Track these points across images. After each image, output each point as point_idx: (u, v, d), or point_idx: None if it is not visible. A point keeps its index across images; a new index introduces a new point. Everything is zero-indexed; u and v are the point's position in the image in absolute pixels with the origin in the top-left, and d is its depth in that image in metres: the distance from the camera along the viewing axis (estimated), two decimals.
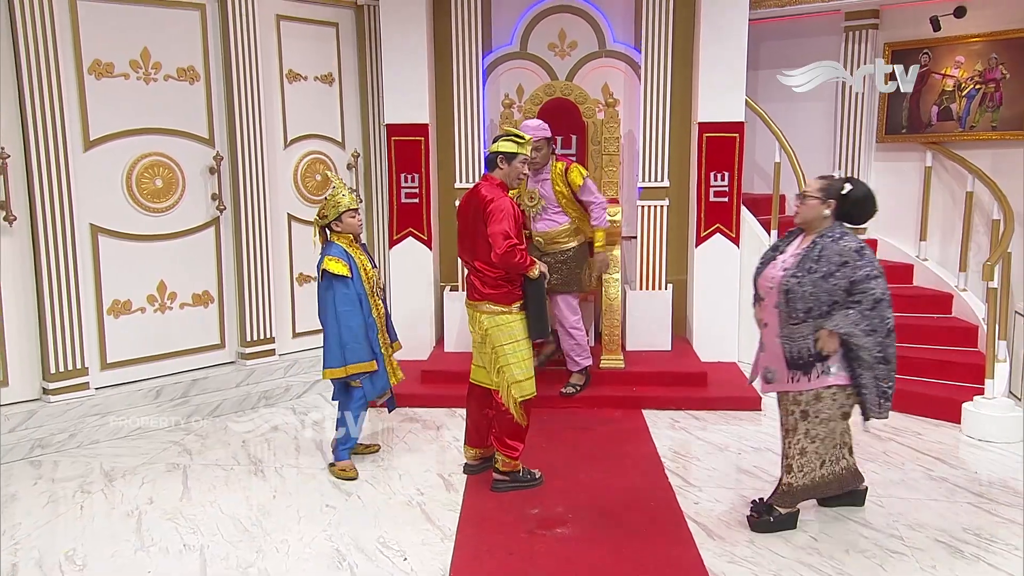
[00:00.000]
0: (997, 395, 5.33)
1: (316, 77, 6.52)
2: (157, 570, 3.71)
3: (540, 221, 5.65)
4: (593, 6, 6.62)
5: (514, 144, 4.44)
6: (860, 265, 3.68)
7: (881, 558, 3.74)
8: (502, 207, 4.27)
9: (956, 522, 4.09)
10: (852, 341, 3.69)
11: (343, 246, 4.65)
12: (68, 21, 5.22)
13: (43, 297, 5.20)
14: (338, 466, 4.74)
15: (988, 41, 6.39)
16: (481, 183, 4.49)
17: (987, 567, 3.66)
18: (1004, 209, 5.95)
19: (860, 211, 3.86)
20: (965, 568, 3.66)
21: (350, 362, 4.60)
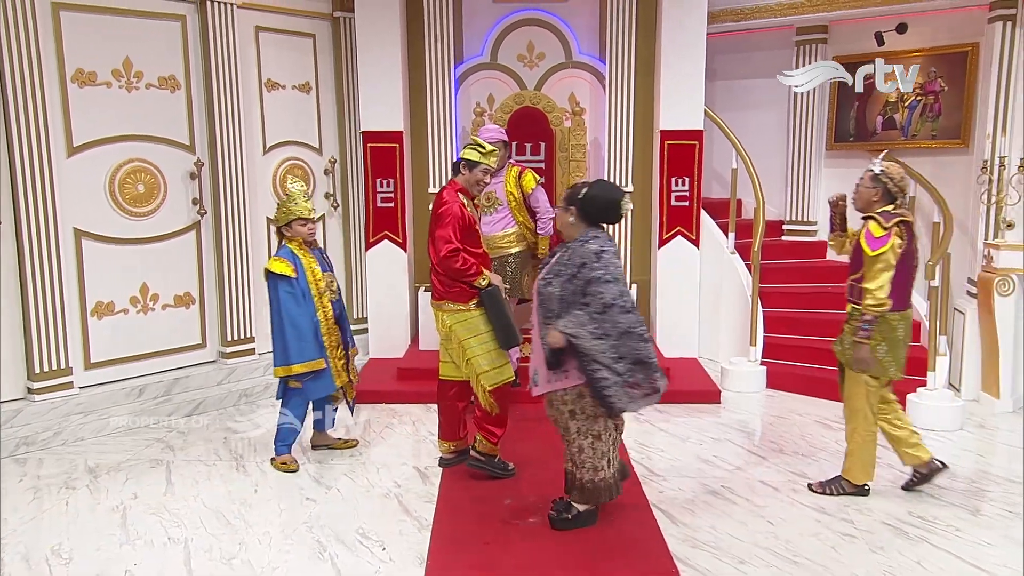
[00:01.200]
0: (938, 387, 5.45)
1: (294, 86, 6.48)
2: (142, 563, 3.67)
3: (486, 224, 5.46)
4: (560, 19, 6.64)
5: (477, 153, 4.46)
6: (596, 267, 3.62)
7: (834, 541, 3.80)
8: (450, 212, 4.30)
9: (902, 506, 4.17)
10: (578, 342, 3.61)
11: (292, 248, 4.62)
12: (51, 31, 5.13)
13: (28, 299, 5.10)
14: (277, 459, 4.76)
15: (927, 56, 6.52)
16: (445, 187, 4.53)
17: (930, 547, 3.75)
18: (944, 213, 6.06)
19: (602, 211, 3.78)
20: (910, 548, 3.74)
21: (294, 361, 4.56)
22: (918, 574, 3.52)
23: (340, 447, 4.97)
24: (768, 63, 7.31)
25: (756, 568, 3.55)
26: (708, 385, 5.96)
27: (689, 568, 3.55)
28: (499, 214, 5.56)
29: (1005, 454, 5.04)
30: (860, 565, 3.58)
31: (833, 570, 3.53)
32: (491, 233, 5.48)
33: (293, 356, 4.56)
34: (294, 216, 4.59)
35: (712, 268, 6.60)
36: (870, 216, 4.13)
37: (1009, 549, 3.73)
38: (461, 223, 4.32)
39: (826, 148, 7.11)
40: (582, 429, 3.81)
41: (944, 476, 4.42)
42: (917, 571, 3.54)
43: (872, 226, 4.07)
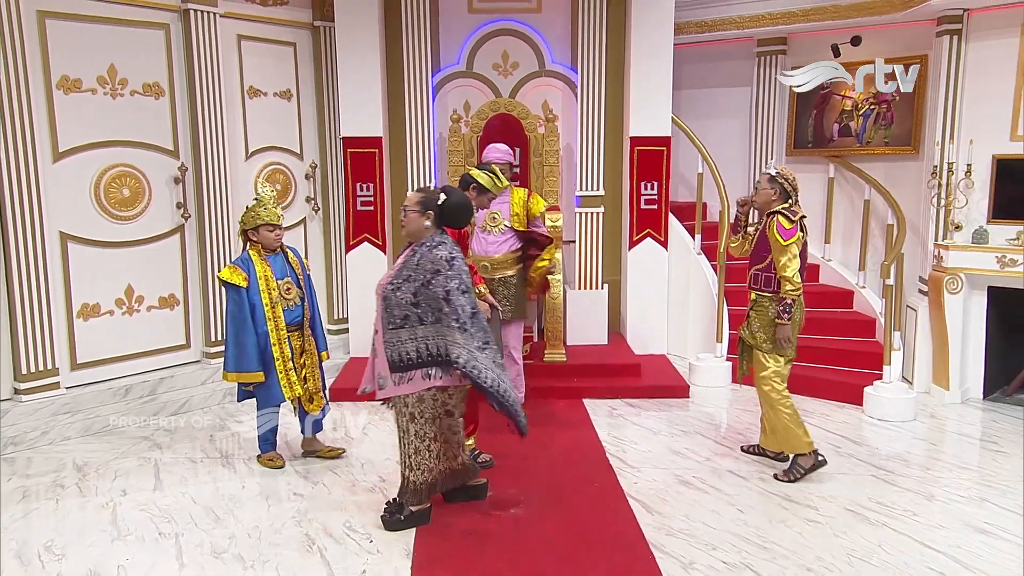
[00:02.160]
0: (893, 380, 5.56)
1: (275, 93, 6.44)
2: (135, 558, 3.63)
3: (491, 245, 5.17)
4: (533, 30, 6.67)
5: (490, 181, 4.48)
6: (450, 276, 3.63)
7: (800, 527, 3.87)
8: None
9: (862, 493, 4.25)
10: (476, 371, 3.66)
11: (251, 255, 4.48)
12: (37, 38, 5.06)
13: (14, 301, 5.03)
14: (263, 457, 4.73)
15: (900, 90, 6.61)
16: None
17: (890, 531, 3.83)
18: (897, 216, 6.20)
19: (458, 216, 3.84)
20: (872, 532, 3.81)
21: (230, 370, 4.51)
22: (879, 556, 3.58)
23: (325, 455, 4.81)
24: (731, 73, 7.43)
25: (728, 553, 3.60)
26: (677, 380, 6.02)
27: (664, 555, 3.59)
28: (503, 235, 5.18)
29: (955, 443, 5.18)
30: (825, 549, 3.64)
31: (800, 554, 3.59)
32: (495, 254, 5.16)
33: (230, 365, 4.49)
34: (262, 221, 4.45)
35: (680, 268, 6.67)
36: (775, 212, 4.39)
37: (962, 532, 3.83)
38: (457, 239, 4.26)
39: (786, 154, 7.19)
40: (419, 432, 3.80)
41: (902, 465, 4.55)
42: (878, 553, 3.61)
43: (781, 219, 4.35)
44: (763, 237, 4.47)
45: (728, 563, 3.52)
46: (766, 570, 3.46)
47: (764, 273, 4.45)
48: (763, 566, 3.49)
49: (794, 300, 4.33)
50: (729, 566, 3.49)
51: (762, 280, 4.47)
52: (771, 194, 4.46)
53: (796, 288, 4.30)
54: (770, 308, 4.42)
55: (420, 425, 3.79)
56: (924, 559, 3.56)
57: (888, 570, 3.46)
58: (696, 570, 3.46)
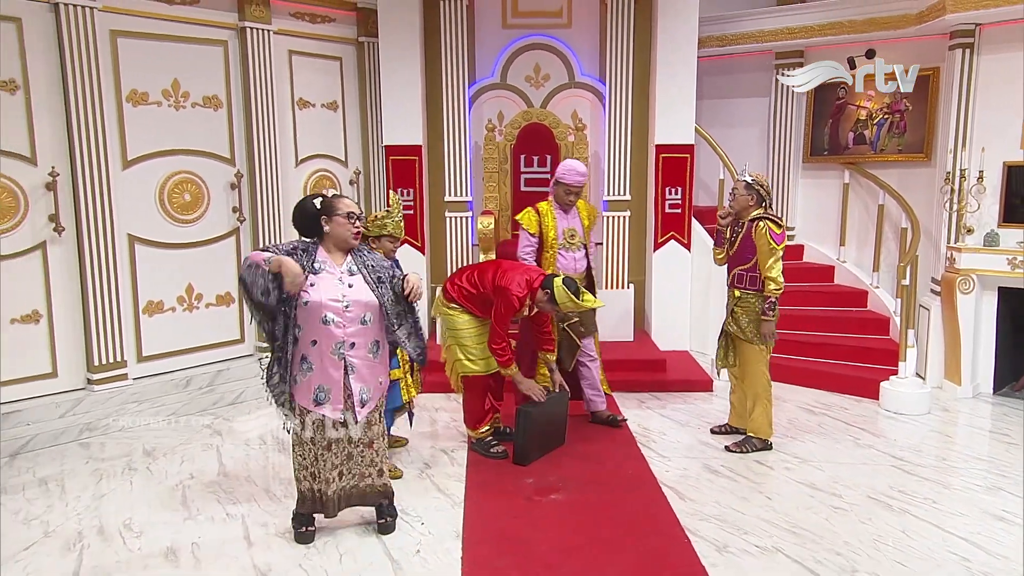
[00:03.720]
0: (908, 375, 5.55)
1: (323, 104, 6.50)
2: (206, 536, 3.70)
3: (577, 262, 4.97)
4: (564, 44, 6.69)
5: (568, 299, 4.18)
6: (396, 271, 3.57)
7: (827, 514, 3.87)
8: (509, 302, 4.27)
9: (883, 481, 4.26)
10: None
11: None
12: (109, 55, 5.16)
13: (87, 298, 5.14)
14: None
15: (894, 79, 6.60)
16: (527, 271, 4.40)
17: (912, 518, 3.83)
18: (911, 220, 6.17)
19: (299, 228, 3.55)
20: (895, 519, 3.82)
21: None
22: (903, 542, 3.59)
23: (392, 445, 4.66)
24: (750, 84, 7.42)
25: (759, 538, 3.62)
26: (700, 375, 6.03)
27: (699, 538, 3.61)
28: (580, 252, 5.00)
29: (968, 435, 5.15)
30: (851, 534, 3.65)
31: (828, 539, 3.60)
32: (581, 271, 4.99)
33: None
34: (387, 232, 4.27)
35: (701, 269, 6.66)
36: (763, 218, 4.51)
37: (981, 519, 3.83)
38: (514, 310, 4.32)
39: (802, 161, 7.18)
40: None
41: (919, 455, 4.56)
42: (902, 539, 3.61)
43: (771, 225, 4.48)
44: (746, 240, 4.57)
45: (760, 547, 3.53)
46: (796, 553, 3.47)
47: (749, 273, 4.59)
48: (793, 550, 3.50)
49: (777, 298, 4.49)
50: (761, 549, 3.51)
51: (747, 279, 4.61)
52: (749, 200, 4.58)
53: (780, 288, 4.48)
54: (756, 305, 4.55)
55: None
56: (947, 544, 3.56)
57: (913, 555, 3.47)
58: (730, 553, 3.48)
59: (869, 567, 3.36)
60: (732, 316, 4.67)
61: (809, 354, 6.16)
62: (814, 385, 5.92)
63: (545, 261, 4.93)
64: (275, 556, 3.51)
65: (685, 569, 3.35)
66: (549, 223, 4.90)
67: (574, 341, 4.95)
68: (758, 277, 4.52)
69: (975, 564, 3.40)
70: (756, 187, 4.55)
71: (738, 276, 4.64)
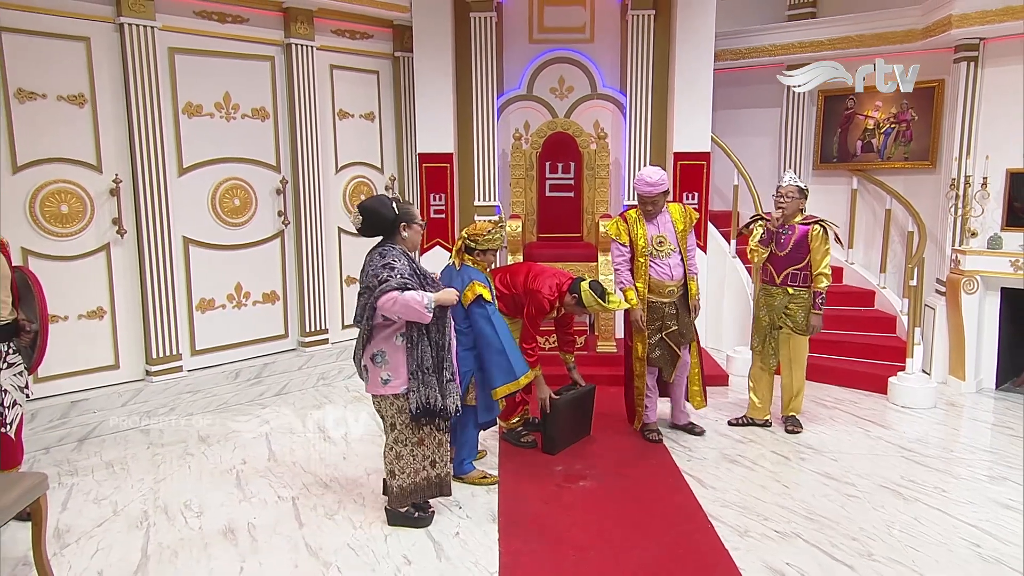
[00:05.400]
0: (915, 371, 5.53)
1: (361, 115, 6.56)
2: (260, 516, 3.78)
3: (673, 268, 4.57)
4: (586, 57, 6.71)
5: (595, 301, 4.19)
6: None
7: (841, 501, 3.88)
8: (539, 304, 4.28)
9: (894, 471, 4.25)
10: None
11: (482, 271, 4.09)
12: (167, 70, 5.25)
13: (146, 296, 5.22)
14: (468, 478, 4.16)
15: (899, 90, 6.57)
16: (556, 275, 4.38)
17: (924, 506, 3.83)
18: (918, 224, 6.14)
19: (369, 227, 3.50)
20: (907, 507, 3.82)
21: (520, 373, 3.96)
22: (916, 528, 3.59)
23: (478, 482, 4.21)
24: (762, 96, 7.39)
25: (778, 523, 3.63)
26: (717, 370, 6.03)
27: (722, 524, 3.63)
28: (674, 259, 4.57)
29: (973, 428, 5.12)
30: (866, 521, 3.66)
31: (844, 525, 3.61)
32: (677, 278, 4.58)
33: (518, 368, 3.95)
34: (495, 246, 4.08)
35: (717, 270, 6.67)
36: (818, 222, 4.66)
37: (989, 507, 3.82)
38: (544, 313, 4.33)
39: (813, 168, 7.15)
40: (400, 438, 3.56)
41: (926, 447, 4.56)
42: (915, 526, 3.62)
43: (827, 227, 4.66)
44: (801, 242, 4.63)
45: (780, 532, 3.55)
46: (814, 538, 3.49)
47: (802, 272, 4.68)
48: (811, 535, 3.52)
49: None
50: (781, 535, 3.53)
51: (800, 278, 4.69)
52: (801, 203, 4.68)
53: (830, 283, 4.70)
54: (808, 300, 4.69)
55: (400, 431, 3.55)
56: (958, 531, 3.56)
57: (925, 541, 3.47)
58: (751, 538, 3.50)
59: (883, 552, 3.37)
60: (787, 312, 4.74)
61: (820, 351, 6.14)
62: (826, 381, 5.91)
63: (637, 269, 4.58)
64: (325, 536, 3.57)
65: (710, 553, 3.37)
66: (638, 231, 4.57)
67: (674, 351, 4.66)
68: (809, 275, 4.66)
69: (985, 550, 3.40)
70: (806, 191, 4.68)
71: (792, 275, 4.71)
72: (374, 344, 3.48)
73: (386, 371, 3.48)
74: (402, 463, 3.58)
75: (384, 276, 3.33)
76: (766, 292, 4.82)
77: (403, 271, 3.37)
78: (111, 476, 4.28)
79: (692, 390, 4.85)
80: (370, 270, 3.41)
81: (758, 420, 4.94)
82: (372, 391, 3.57)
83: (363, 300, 3.42)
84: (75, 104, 4.84)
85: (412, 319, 3.36)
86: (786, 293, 4.72)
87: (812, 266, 4.65)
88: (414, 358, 3.43)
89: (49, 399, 4.85)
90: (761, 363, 4.91)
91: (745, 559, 3.30)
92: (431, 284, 3.52)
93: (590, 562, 3.30)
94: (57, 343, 4.63)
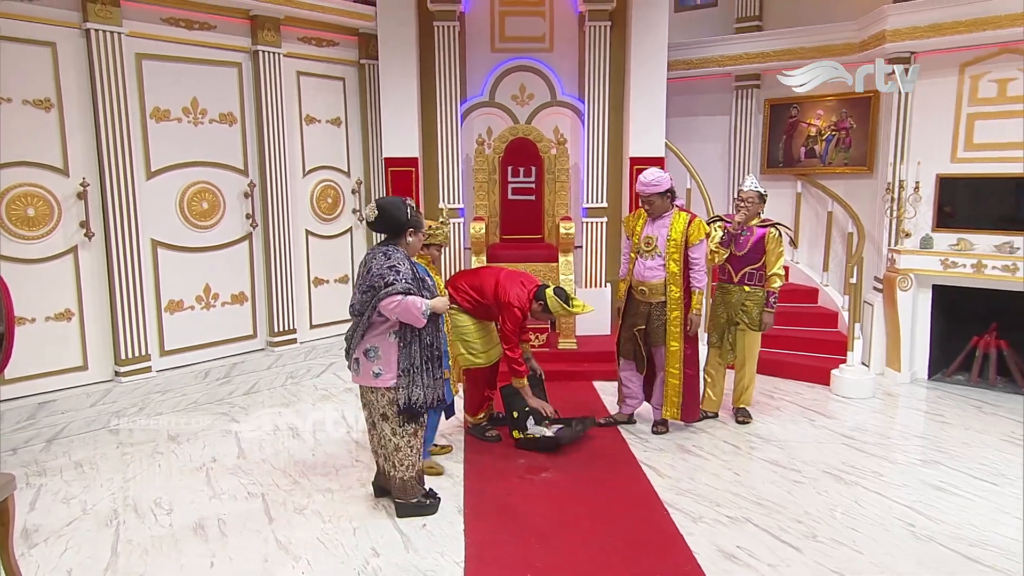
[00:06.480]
0: (855, 364, 5.68)
1: (327, 120, 6.50)
2: (230, 513, 3.72)
3: (648, 270, 4.56)
4: (546, 66, 6.75)
5: (560, 307, 4.29)
6: None
7: (788, 487, 3.97)
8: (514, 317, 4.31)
9: (836, 458, 4.37)
10: None
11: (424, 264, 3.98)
12: (135, 76, 5.13)
13: (115, 298, 5.10)
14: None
15: (840, 100, 6.74)
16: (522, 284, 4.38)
17: (863, 489, 3.94)
18: (857, 225, 6.31)
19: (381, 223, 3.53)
20: (847, 490, 3.93)
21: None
22: (856, 510, 3.70)
23: (437, 452, 4.45)
24: (713, 104, 7.52)
25: (729, 509, 3.70)
26: None
27: (676, 510, 3.68)
28: (655, 261, 4.54)
29: (908, 416, 5.28)
30: (811, 504, 3.75)
31: (790, 509, 3.70)
32: (652, 280, 4.56)
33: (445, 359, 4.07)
34: (436, 241, 4.13)
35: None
36: (773, 224, 4.81)
37: (922, 489, 3.95)
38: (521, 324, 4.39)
39: (760, 172, 7.28)
40: (396, 431, 3.57)
41: (866, 434, 4.69)
42: (855, 508, 3.72)
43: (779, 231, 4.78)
44: (758, 243, 4.77)
45: (731, 517, 3.62)
46: (763, 522, 3.56)
47: (758, 271, 4.82)
48: (760, 519, 3.60)
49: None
50: (732, 519, 3.60)
51: (756, 277, 4.83)
52: (760, 207, 4.79)
53: (784, 282, 4.86)
54: (762, 297, 4.82)
55: (396, 424, 3.57)
56: (893, 512, 3.67)
57: (865, 522, 3.57)
58: (704, 523, 3.56)
59: (827, 533, 3.46)
60: (743, 309, 4.85)
61: (768, 346, 6.26)
62: (773, 374, 6.04)
63: (631, 263, 4.68)
64: (295, 531, 3.54)
65: (666, 538, 3.42)
66: (637, 228, 4.65)
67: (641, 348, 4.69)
68: (764, 274, 4.80)
69: (918, 528, 3.51)
70: (765, 196, 4.82)
71: (749, 274, 4.84)
72: (368, 339, 3.51)
73: (378, 365, 3.50)
74: (401, 455, 3.61)
75: (391, 279, 3.37)
76: (724, 290, 4.93)
77: (407, 276, 3.42)
78: (80, 476, 4.18)
79: (668, 397, 4.67)
80: (375, 269, 3.42)
81: (710, 412, 5.03)
82: (362, 383, 3.58)
83: (366, 297, 3.44)
84: (41, 108, 4.71)
85: (408, 321, 3.42)
86: (743, 291, 4.84)
87: (767, 266, 4.78)
88: (407, 357, 3.47)
89: (16, 400, 4.71)
90: (719, 358, 5.00)
91: (699, 543, 3.36)
92: (427, 289, 3.54)
93: (553, 548, 3.33)
94: (25, 345, 4.51)
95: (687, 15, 8.01)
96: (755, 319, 4.84)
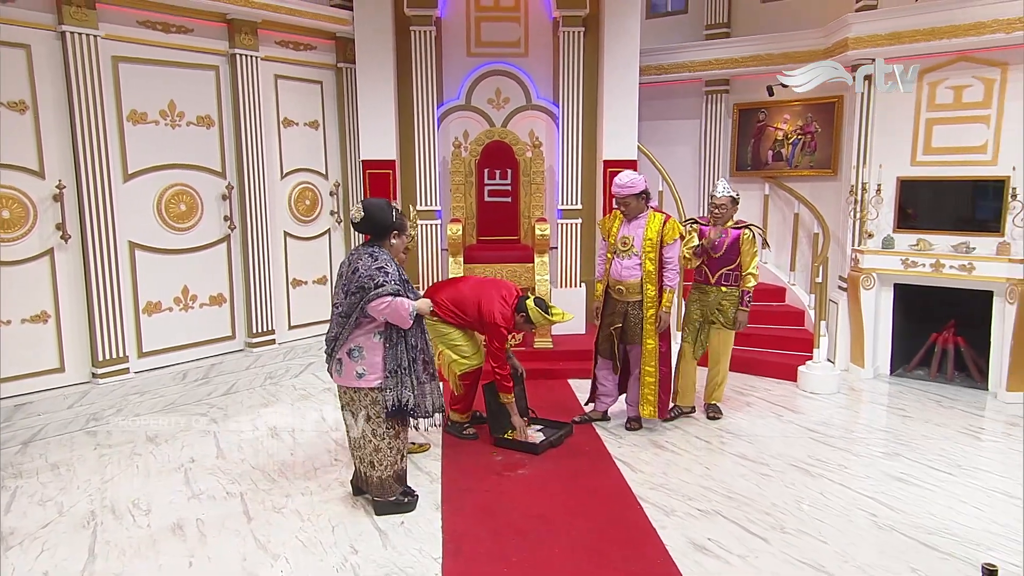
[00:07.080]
0: (821, 360, 5.76)
1: (305, 123, 6.45)
2: (209, 513, 3.68)
3: (625, 269, 4.57)
4: (521, 71, 6.75)
5: (539, 317, 4.35)
6: None
7: (757, 480, 4.02)
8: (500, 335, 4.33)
9: (803, 451, 4.43)
10: None
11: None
12: (111, 79, 5.05)
13: (92, 300, 5.02)
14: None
15: (805, 104, 6.83)
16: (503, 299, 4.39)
17: (828, 482, 4.00)
18: (822, 226, 6.40)
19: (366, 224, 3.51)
20: (813, 483, 3.98)
21: None
22: (822, 502, 3.75)
23: (415, 451, 4.44)
24: (683, 108, 7.59)
25: (701, 502, 3.74)
26: None
27: (649, 504, 3.71)
28: (631, 261, 4.56)
29: (871, 410, 5.37)
30: (778, 497, 3.80)
31: (758, 502, 3.74)
32: (628, 279, 4.57)
33: None
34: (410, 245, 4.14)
35: None
36: (748, 226, 4.88)
37: (884, 481, 4.02)
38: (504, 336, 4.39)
39: (729, 175, 7.35)
40: (377, 432, 3.54)
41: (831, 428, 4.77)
42: (821, 500, 3.77)
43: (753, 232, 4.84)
44: (733, 245, 4.83)
45: (702, 510, 3.66)
46: (733, 515, 3.60)
47: (734, 272, 4.87)
48: (730, 512, 3.64)
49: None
50: (703, 512, 3.63)
51: (732, 278, 4.89)
52: (733, 210, 4.88)
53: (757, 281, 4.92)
54: (737, 297, 4.88)
55: (376, 425, 3.54)
56: (857, 503, 3.73)
57: (830, 512, 3.63)
58: (676, 516, 3.59)
59: (794, 525, 3.51)
60: (719, 309, 4.91)
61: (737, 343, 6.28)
62: (742, 370, 6.09)
63: (609, 263, 4.71)
64: (273, 530, 3.51)
65: (639, 531, 3.45)
66: (613, 230, 4.68)
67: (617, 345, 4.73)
68: (739, 275, 4.84)
69: (880, 519, 3.58)
70: (738, 200, 4.90)
71: (725, 275, 4.89)
72: (352, 339, 3.47)
73: (361, 366, 3.48)
74: (380, 455, 3.58)
75: (380, 280, 3.35)
76: (701, 290, 4.97)
77: (395, 277, 3.40)
78: (57, 478, 4.10)
79: (644, 396, 4.66)
80: (363, 270, 3.39)
81: (685, 408, 5.07)
82: (344, 383, 3.54)
83: (354, 299, 3.40)
84: (16, 111, 4.61)
85: (396, 323, 3.40)
86: (720, 291, 4.89)
87: (742, 267, 4.83)
88: (393, 358, 3.45)
89: None
90: (692, 355, 5.04)
91: (671, 536, 3.39)
92: (411, 291, 3.53)
93: (529, 543, 3.33)
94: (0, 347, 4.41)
95: (659, 21, 8.07)
96: (730, 318, 4.90)
